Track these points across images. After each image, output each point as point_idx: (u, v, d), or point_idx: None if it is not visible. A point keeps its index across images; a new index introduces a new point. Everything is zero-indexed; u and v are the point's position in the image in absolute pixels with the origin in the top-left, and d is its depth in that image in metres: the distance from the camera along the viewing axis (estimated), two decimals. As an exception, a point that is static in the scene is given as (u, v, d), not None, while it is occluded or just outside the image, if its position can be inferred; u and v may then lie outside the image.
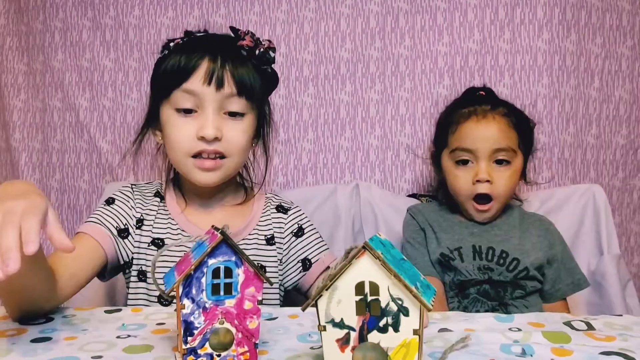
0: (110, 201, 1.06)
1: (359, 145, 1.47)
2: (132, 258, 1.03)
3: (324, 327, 0.59)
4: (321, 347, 0.60)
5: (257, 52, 1.01)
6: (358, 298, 0.58)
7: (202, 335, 0.62)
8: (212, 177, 1.00)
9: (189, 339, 0.62)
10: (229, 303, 0.63)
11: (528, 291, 1.13)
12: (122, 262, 1.03)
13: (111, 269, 1.03)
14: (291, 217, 1.12)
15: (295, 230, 1.11)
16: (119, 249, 1.02)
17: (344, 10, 1.46)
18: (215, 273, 0.62)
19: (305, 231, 1.11)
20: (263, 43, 1.02)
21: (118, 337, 0.75)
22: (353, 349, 0.58)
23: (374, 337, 0.58)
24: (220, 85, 0.96)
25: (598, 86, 1.44)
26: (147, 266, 1.03)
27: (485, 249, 1.14)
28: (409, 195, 1.41)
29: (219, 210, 1.08)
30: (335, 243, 1.33)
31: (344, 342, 0.59)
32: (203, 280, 0.62)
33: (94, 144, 1.50)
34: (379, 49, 1.45)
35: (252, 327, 0.64)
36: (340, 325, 0.58)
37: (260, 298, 0.64)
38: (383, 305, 0.57)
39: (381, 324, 0.57)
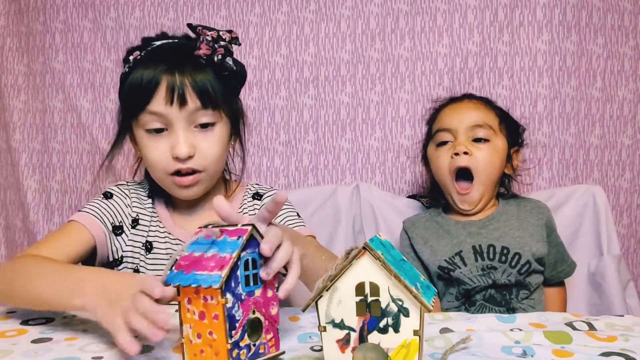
0: (108, 195, 1.05)
1: (359, 147, 1.47)
2: (122, 257, 1.02)
3: (324, 327, 0.59)
4: (322, 348, 0.60)
5: (215, 59, 0.96)
6: (358, 299, 0.58)
7: (242, 328, 0.62)
8: (192, 192, 0.99)
9: (233, 332, 0.61)
10: (257, 293, 0.64)
11: (532, 289, 1.13)
12: (111, 259, 1.02)
13: (99, 264, 1.01)
14: (265, 201, 1.09)
15: None
16: (111, 246, 1.01)
17: (344, 12, 1.46)
18: (245, 265, 0.63)
19: None
20: (222, 41, 0.96)
21: (118, 337, 0.75)
22: (353, 349, 0.58)
23: (374, 337, 0.58)
24: (183, 102, 0.93)
25: (601, 86, 1.44)
26: (141, 267, 1.02)
27: (486, 247, 1.13)
28: (409, 197, 1.41)
29: (201, 212, 1.06)
30: (335, 244, 1.33)
31: (344, 342, 0.59)
32: (238, 273, 0.62)
33: (97, 146, 1.50)
34: (379, 50, 1.46)
35: (274, 314, 0.65)
36: (341, 325, 0.58)
37: (276, 284, 0.66)
38: (383, 305, 0.57)
39: (381, 324, 0.57)
